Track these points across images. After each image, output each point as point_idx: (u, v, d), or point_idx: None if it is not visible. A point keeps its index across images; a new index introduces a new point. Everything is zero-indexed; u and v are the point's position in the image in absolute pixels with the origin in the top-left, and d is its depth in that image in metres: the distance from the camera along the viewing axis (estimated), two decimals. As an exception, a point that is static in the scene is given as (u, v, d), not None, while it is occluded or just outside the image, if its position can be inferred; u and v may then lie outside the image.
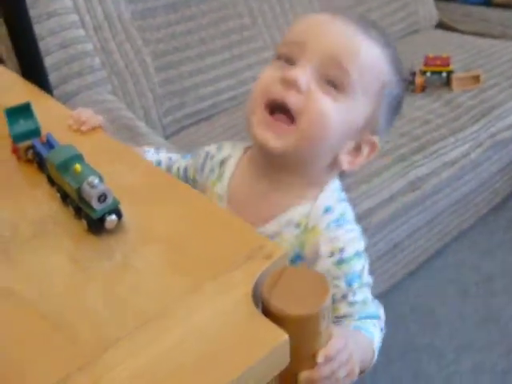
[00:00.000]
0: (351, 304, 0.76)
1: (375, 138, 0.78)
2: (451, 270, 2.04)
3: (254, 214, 0.79)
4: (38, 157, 0.80)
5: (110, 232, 0.68)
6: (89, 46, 1.65)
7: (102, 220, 0.67)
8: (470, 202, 1.97)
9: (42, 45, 1.55)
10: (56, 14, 1.60)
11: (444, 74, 1.92)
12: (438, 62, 1.93)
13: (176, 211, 0.71)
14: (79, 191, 0.67)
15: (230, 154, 0.87)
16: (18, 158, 0.84)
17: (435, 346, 1.80)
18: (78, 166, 0.69)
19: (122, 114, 1.55)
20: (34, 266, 0.65)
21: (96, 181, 0.66)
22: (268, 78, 0.75)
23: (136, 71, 1.73)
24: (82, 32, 1.64)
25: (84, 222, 0.68)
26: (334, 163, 0.78)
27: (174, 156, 1.01)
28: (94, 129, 0.90)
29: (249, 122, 0.76)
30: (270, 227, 0.79)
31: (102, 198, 0.66)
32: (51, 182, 0.76)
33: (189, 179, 0.94)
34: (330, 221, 0.76)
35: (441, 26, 2.47)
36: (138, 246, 0.67)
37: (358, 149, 0.78)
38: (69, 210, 0.72)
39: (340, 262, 0.75)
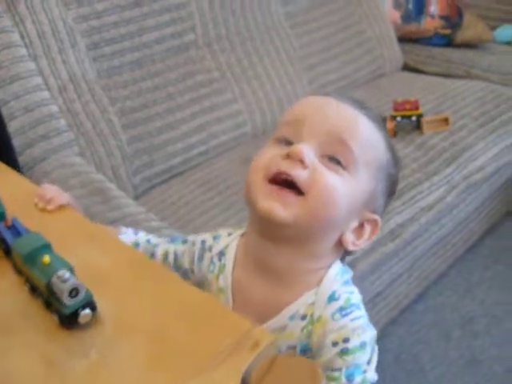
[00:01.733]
0: None
1: (376, 217, 0.77)
2: (432, 314, 2.02)
3: (258, 308, 0.76)
4: (4, 243, 0.75)
5: (84, 326, 0.64)
6: (54, 108, 1.61)
7: (75, 315, 0.62)
8: (447, 244, 1.96)
9: (5, 109, 1.53)
10: (19, 77, 1.57)
11: (414, 118, 1.92)
12: (408, 106, 1.93)
13: (155, 299, 0.67)
14: (49, 286, 0.63)
15: (228, 244, 0.84)
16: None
17: (424, 394, 1.76)
18: (46, 258, 0.64)
19: (92, 177, 1.50)
20: (0, 370, 0.60)
21: (66, 275, 0.62)
22: (269, 155, 0.74)
23: (103, 131, 1.70)
24: (46, 94, 1.61)
25: (55, 317, 0.64)
26: (339, 243, 0.76)
27: (154, 239, 0.95)
28: (61, 207, 0.86)
29: (251, 196, 0.74)
30: (277, 322, 0.76)
31: (74, 292, 0.62)
32: (18, 271, 0.71)
33: (180, 267, 0.89)
34: (335, 310, 0.74)
35: (406, 68, 2.49)
36: (114, 341, 0.63)
37: (360, 228, 0.77)
38: (38, 303, 0.67)
39: (343, 352, 0.72)
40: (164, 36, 1.83)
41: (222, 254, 0.84)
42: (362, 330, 0.73)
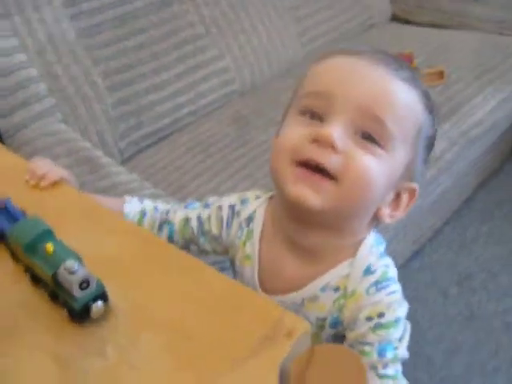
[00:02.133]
0: (381, 377, 0.68)
1: (414, 185, 0.73)
2: (429, 272, 1.99)
3: (288, 277, 0.73)
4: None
5: (97, 320, 0.58)
6: (32, 72, 1.51)
7: (86, 308, 0.56)
8: (444, 201, 1.92)
9: (-20, 75, 1.43)
10: (-7, 38, 1.46)
11: (408, 72, 1.85)
12: (402, 59, 1.86)
13: (174, 287, 0.61)
14: (55, 277, 0.56)
15: (256, 210, 0.80)
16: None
17: (423, 353, 1.74)
18: (49, 246, 0.58)
19: (79, 145, 1.42)
20: (8, 372, 0.54)
21: (75, 266, 0.55)
22: (295, 135, 0.66)
23: (87, 94, 1.60)
24: (23, 57, 1.51)
25: (64, 311, 0.58)
26: (375, 217, 0.72)
27: (162, 205, 0.89)
28: (55, 183, 0.79)
29: (278, 179, 0.68)
30: (307, 291, 0.73)
31: (84, 284, 0.55)
32: (16, 258, 0.64)
33: (208, 232, 0.84)
34: (371, 284, 0.71)
35: (395, 18, 2.41)
36: (132, 336, 0.57)
37: (397, 199, 0.72)
38: (42, 295, 0.61)
39: (377, 326, 0.69)
40: (145, -11, 1.72)
41: (250, 219, 0.80)
42: (397, 305, 0.70)
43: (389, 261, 0.74)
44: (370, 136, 0.65)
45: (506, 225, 2.16)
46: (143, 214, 0.87)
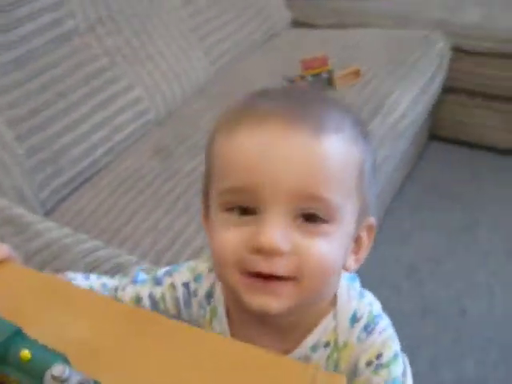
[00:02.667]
0: None
1: (370, 220, 0.66)
2: (377, 271, 1.97)
3: (270, 347, 0.63)
4: None
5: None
6: None
7: (86, 421, 0.46)
8: (379, 200, 1.91)
9: None
10: None
11: (325, 75, 1.83)
12: (316, 64, 1.84)
13: (176, 360, 0.51)
14: (41, 391, 0.46)
15: (213, 285, 0.72)
16: None
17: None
18: (25, 353, 0.47)
19: (-4, 206, 1.28)
20: None
21: (66, 371, 0.45)
22: (232, 243, 0.57)
23: (-6, 148, 1.46)
24: None
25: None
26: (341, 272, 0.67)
27: (110, 281, 0.79)
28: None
29: (231, 288, 0.60)
30: (297, 355, 0.67)
31: (81, 392, 0.46)
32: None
33: (165, 313, 0.74)
34: (360, 330, 0.66)
35: (296, 24, 2.39)
36: None
37: (357, 242, 0.65)
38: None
39: (378, 368, 0.65)
40: (41, 26, 1.59)
41: (209, 295, 0.73)
42: (391, 340, 0.67)
43: (369, 297, 0.70)
44: (313, 215, 0.57)
45: (437, 212, 2.18)
46: None
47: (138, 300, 0.75)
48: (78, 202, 1.57)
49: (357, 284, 0.70)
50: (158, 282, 0.76)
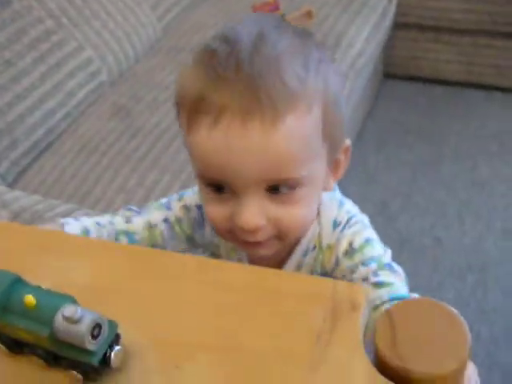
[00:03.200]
0: (376, 285, 0.66)
1: (346, 143, 0.71)
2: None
3: (272, 256, 0.71)
4: None
5: (115, 370, 0.45)
6: None
7: (103, 360, 0.44)
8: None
9: None
10: None
11: (277, 19, 1.79)
12: (267, 9, 1.80)
13: (188, 296, 0.49)
14: (54, 334, 0.43)
15: None
16: None
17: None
18: (29, 298, 0.44)
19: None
20: None
21: (78, 311, 0.42)
22: (218, 217, 0.65)
23: None
24: None
25: (72, 375, 0.45)
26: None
27: (102, 219, 0.78)
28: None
29: (226, 239, 0.71)
30: (292, 263, 0.75)
31: (96, 330, 0.43)
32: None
33: (178, 235, 0.80)
34: (339, 231, 0.73)
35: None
36: (168, 372, 0.45)
37: (335, 164, 0.70)
38: (32, 366, 0.47)
39: (351, 253, 0.70)
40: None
41: None
42: (362, 228, 0.72)
43: (348, 204, 0.75)
44: (286, 188, 0.62)
45: (400, 148, 2.20)
46: (86, 232, 0.74)
47: (150, 227, 0.78)
48: (40, 171, 1.51)
49: (337, 193, 0.76)
50: (167, 207, 0.79)
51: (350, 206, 0.76)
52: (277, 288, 0.49)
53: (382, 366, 0.45)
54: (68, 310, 0.42)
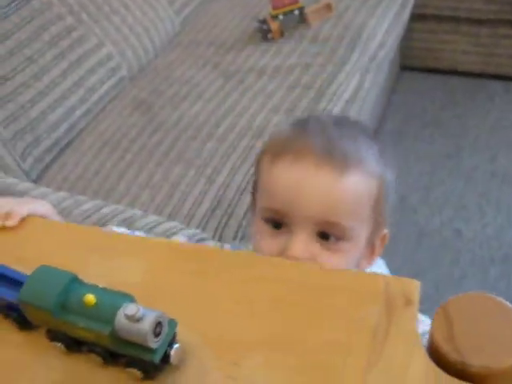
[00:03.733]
0: None
1: (384, 232, 0.78)
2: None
3: None
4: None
5: (172, 368, 0.46)
6: None
7: (163, 357, 0.44)
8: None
9: None
10: None
11: (296, 12, 1.79)
12: (287, 2, 1.79)
13: (238, 292, 0.49)
14: (115, 333, 0.43)
15: None
16: None
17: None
18: (89, 297, 0.44)
19: (-16, 178, 1.23)
20: None
21: (140, 309, 0.42)
22: (269, 250, 0.71)
23: (-32, 121, 1.40)
24: None
25: (134, 371, 0.45)
26: None
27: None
28: (23, 220, 0.64)
29: None
30: None
31: (158, 328, 0.43)
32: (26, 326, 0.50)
33: None
34: None
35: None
36: (227, 368, 0.45)
37: (371, 247, 0.76)
38: (90, 363, 0.47)
39: None
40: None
41: None
42: None
43: None
44: (329, 235, 0.70)
45: (418, 141, 2.19)
46: None
47: None
48: (63, 168, 1.52)
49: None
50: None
51: None
52: (330, 284, 0.49)
53: (438, 359, 0.45)
54: (130, 308, 0.42)
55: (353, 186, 0.71)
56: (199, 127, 1.48)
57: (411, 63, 2.44)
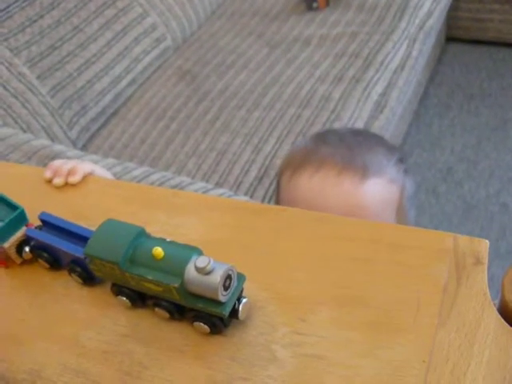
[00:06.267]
0: None
1: None
2: (413, 172, 1.95)
3: None
4: (46, 251, 0.54)
5: (241, 322, 0.46)
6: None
7: (232, 311, 0.44)
8: (408, 104, 1.86)
9: None
10: None
11: (342, -20, 1.75)
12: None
13: (308, 251, 0.49)
14: (184, 285, 0.43)
15: None
16: (8, 267, 0.57)
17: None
18: (157, 250, 0.44)
19: (34, 145, 1.24)
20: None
21: (211, 262, 0.42)
22: None
23: (17, 89, 1.41)
24: None
25: (201, 325, 0.45)
26: None
27: None
28: (85, 177, 0.65)
29: None
30: None
31: (228, 282, 0.43)
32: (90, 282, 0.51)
33: None
34: None
35: None
36: (296, 325, 0.45)
37: None
38: (155, 318, 0.48)
39: None
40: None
41: None
42: None
43: None
44: None
45: (464, 113, 2.14)
46: None
47: None
48: (109, 137, 1.53)
49: None
50: None
51: None
52: (397, 242, 0.48)
53: (509, 318, 0.44)
54: (201, 260, 0.42)
55: (373, 192, 0.71)
56: (245, 97, 1.48)
57: (457, 34, 2.38)
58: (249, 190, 1.22)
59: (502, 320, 0.43)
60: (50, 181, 0.65)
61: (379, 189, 0.72)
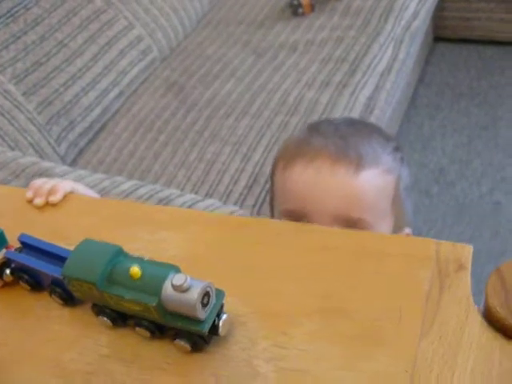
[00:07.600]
0: None
1: (406, 230, 0.76)
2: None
3: None
4: (27, 273, 0.53)
5: (223, 338, 0.45)
6: None
7: (212, 328, 0.44)
8: (397, 105, 1.86)
9: None
10: None
11: (327, -16, 1.76)
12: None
13: (292, 263, 0.48)
14: (162, 304, 0.43)
15: None
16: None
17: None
18: (134, 270, 0.44)
19: (22, 162, 1.23)
20: None
21: (187, 279, 0.42)
22: None
23: (4, 107, 1.40)
24: None
25: (183, 345, 0.44)
26: None
27: None
28: (66, 196, 0.65)
29: None
30: None
31: (206, 299, 0.42)
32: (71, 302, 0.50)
33: None
34: None
35: None
36: (278, 339, 0.45)
37: None
38: (136, 336, 0.47)
39: None
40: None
41: None
42: None
43: None
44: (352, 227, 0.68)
45: (454, 113, 2.14)
46: None
47: None
48: (98, 151, 1.52)
49: None
50: None
51: None
52: (379, 250, 0.48)
53: (493, 323, 0.43)
54: (177, 278, 0.42)
55: (369, 181, 0.70)
56: (233, 105, 1.47)
57: (444, 34, 2.39)
58: (239, 200, 1.22)
59: (487, 325, 0.43)
60: (31, 201, 0.65)
61: (374, 179, 0.71)
